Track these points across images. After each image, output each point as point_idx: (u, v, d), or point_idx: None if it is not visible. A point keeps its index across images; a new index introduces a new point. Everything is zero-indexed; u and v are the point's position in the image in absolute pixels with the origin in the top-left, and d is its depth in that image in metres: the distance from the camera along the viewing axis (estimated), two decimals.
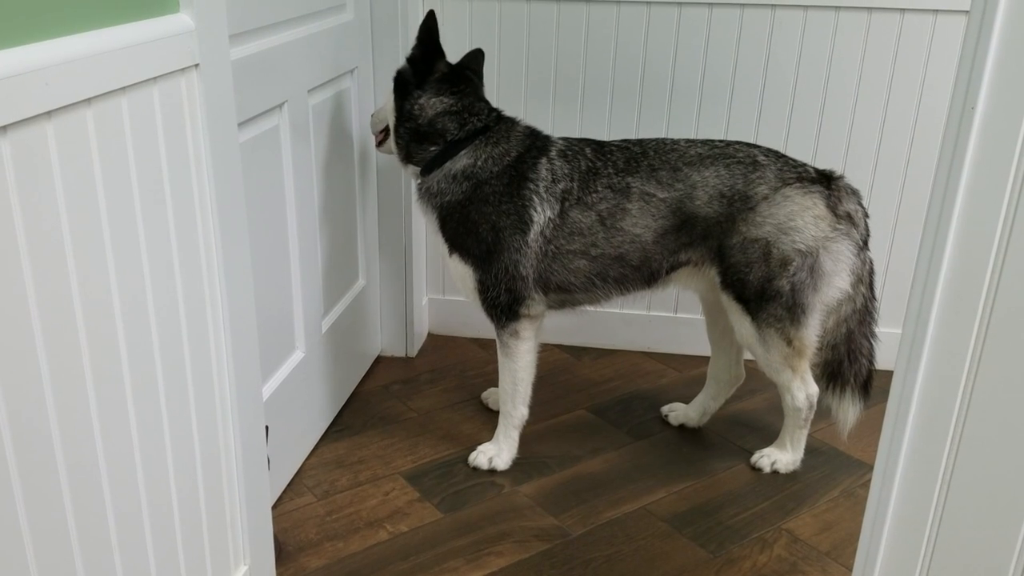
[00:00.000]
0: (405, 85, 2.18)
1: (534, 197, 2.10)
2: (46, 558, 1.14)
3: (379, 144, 2.35)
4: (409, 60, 2.18)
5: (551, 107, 2.67)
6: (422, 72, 2.16)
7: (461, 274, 2.18)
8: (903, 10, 2.43)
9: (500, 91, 2.66)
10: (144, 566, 1.37)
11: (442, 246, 2.20)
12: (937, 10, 2.41)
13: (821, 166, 2.18)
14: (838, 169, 2.17)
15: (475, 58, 2.28)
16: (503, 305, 2.16)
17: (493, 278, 2.13)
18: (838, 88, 2.53)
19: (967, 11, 2.58)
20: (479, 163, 2.12)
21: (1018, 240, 0.99)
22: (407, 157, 2.21)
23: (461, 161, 2.13)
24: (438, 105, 2.15)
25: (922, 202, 2.58)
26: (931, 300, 1.05)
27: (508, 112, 2.24)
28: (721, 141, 2.19)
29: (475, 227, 2.11)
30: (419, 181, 2.20)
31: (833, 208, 2.07)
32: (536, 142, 2.16)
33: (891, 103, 2.53)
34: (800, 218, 2.06)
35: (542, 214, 2.10)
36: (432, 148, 2.16)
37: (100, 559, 1.26)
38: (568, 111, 2.66)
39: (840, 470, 2.31)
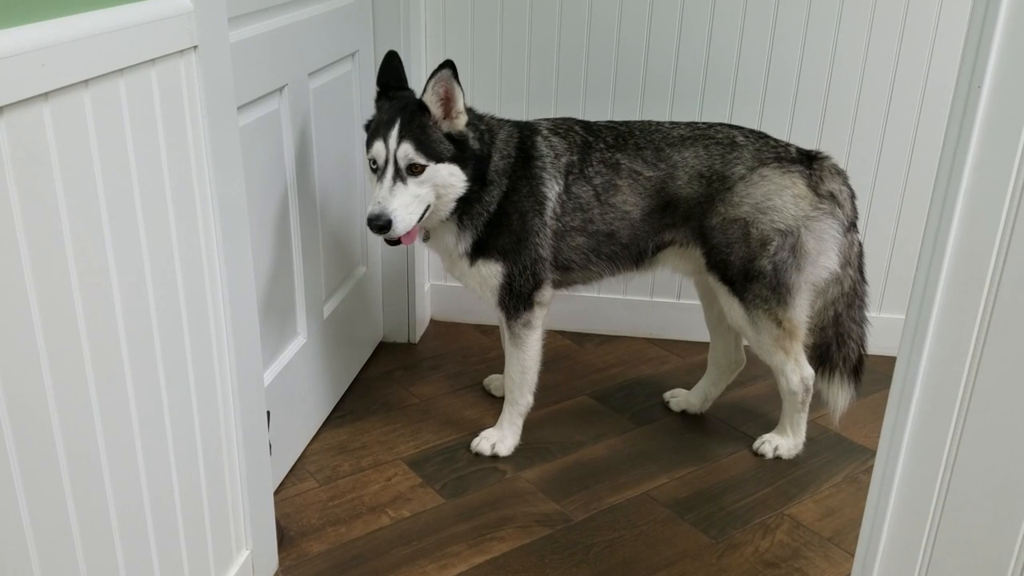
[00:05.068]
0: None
1: (543, 174, 2.11)
2: (46, 543, 1.14)
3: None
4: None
5: (553, 98, 2.65)
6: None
7: (486, 275, 2.15)
8: None
9: (503, 87, 2.64)
10: (145, 551, 1.37)
11: (461, 261, 2.15)
12: None
13: (825, 148, 2.15)
14: (843, 151, 2.14)
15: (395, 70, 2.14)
16: (524, 294, 2.15)
17: (521, 267, 2.13)
18: (843, 68, 2.51)
19: None
20: (498, 165, 2.11)
21: None
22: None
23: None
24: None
25: (927, 183, 2.56)
26: (935, 283, 1.04)
27: (490, 109, 2.22)
28: (704, 123, 2.20)
29: (507, 220, 2.10)
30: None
31: (815, 187, 2.06)
32: (523, 127, 2.17)
33: (897, 83, 2.50)
34: (778, 197, 2.05)
35: (552, 189, 2.11)
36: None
37: (101, 544, 1.26)
38: (571, 101, 2.65)
39: (842, 456, 2.30)
